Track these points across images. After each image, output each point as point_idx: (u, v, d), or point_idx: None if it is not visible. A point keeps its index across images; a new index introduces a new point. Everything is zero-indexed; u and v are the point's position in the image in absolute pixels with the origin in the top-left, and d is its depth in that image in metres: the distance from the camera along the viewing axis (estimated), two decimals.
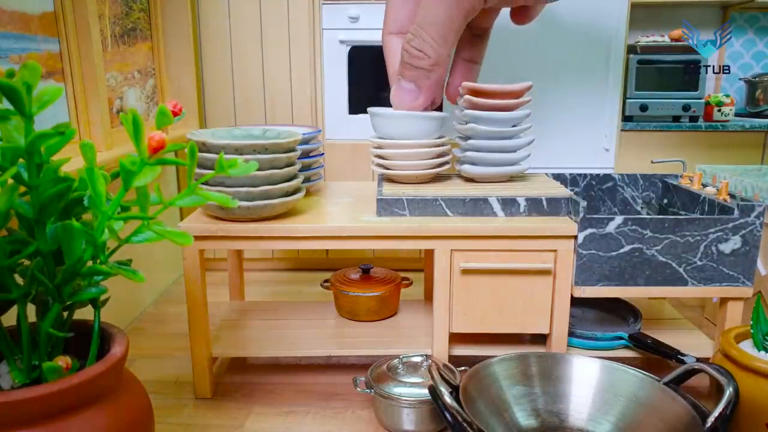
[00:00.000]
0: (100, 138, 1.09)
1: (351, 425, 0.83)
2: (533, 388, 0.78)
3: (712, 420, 0.64)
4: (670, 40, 1.94)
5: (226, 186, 0.82)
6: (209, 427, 0.83)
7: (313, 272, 1.54)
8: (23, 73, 0.46)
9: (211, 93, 1.48)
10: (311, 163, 1.02)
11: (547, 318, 0.87)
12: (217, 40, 1.45)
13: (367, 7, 1.43)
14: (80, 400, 0.48)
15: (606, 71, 1.49)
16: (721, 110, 1.95)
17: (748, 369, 0.70)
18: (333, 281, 1.05)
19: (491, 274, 0.85)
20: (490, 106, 0.92)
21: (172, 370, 0.99)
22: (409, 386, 0.80)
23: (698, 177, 0.97)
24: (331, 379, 0.96)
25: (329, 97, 1.48)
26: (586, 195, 1.07)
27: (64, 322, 0.54)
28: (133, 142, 0.48)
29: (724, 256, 0.83)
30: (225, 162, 0.51)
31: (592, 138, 1.54)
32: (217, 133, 0.91)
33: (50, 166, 0.50)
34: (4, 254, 0.49)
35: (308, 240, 0.84)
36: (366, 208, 0.92)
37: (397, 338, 0.96)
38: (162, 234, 0.50)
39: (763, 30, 2.19)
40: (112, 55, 1.19)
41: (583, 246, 0.83)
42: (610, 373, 0.77)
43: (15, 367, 0.52)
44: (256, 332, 0.98)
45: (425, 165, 0.95)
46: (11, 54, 0.89)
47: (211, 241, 0.84)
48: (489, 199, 0.87)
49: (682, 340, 0.92)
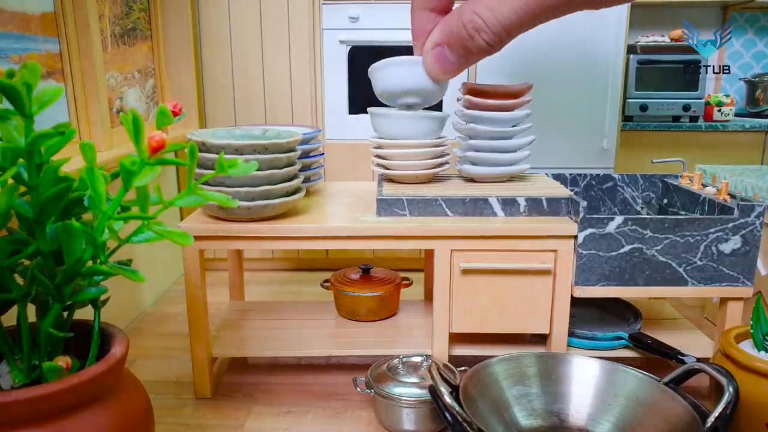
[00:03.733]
0: (100, 138, 1.09)
1: (351, 425, 0.83)
2: (533, 388, 0.78)
3: (712, 420, 0.64)
4: (670, 40, 1.94)
5: (226, 186, 0.82)
6: (209, 427, 0.83)
7: (313, 272, 1.54)
8: (23, 73, 0.46)
9: (211, 93, 1.48)
10: (311, 163, 1.02)
11: (547, 318, 0.87)
12: (217, 39, 1.45)
13: (367, 7, 1.43)
14: (80, 400, 0.48)
15: (606, 71, 1.49)
16: (721, 110, 1.95)
17: (748, 369, 0.70)
18: (333, 281, 1.05)
19: (491, 274, 0.85)
20: (490, 106, 0.92)
21: (172, 370, 0.99)
22: (409, 386, 0.80)
23: (698, 177, 0.97)
24: (331, 379, 0.96)
25: (329, 97, 1.48)
26: (586, 195, 1.07)
27: (64, 322, 0.54)
28: (133, 142, 0.48)
29: (724, 256, 0.83)
30: (225, 162, 0.51)
31: (592, 138, 1.54)
32: (217, 133, 0.91)
33: (50, 166, 0.50)
34: (4, 254, 0.49)
35: (308, 240, 0.84)
36: (366, 208, 0.92)
37: (396, 338, 0.96)
38: (162, 234, 0.50)
39: (763, 30, 2.19)
40: (112, 55, 1.19)
41: (583, 246, 0.83)
42: (610, 373, 0.77)
43: (15, 367, 0.52)
44: (256, 332, 0.98)
45: (425, 165, 0.95)
46: (11, 54, 0.89)
47: (211, 241, 0.84)
48: (489, 199, 0.87)
49: (682, 340, 0.92)
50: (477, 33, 0.64)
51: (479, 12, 0.61)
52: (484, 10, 0.60)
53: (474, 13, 0.62)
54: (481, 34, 0.63)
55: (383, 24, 1.44)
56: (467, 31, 0.65)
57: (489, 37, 0.62)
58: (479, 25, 0.62)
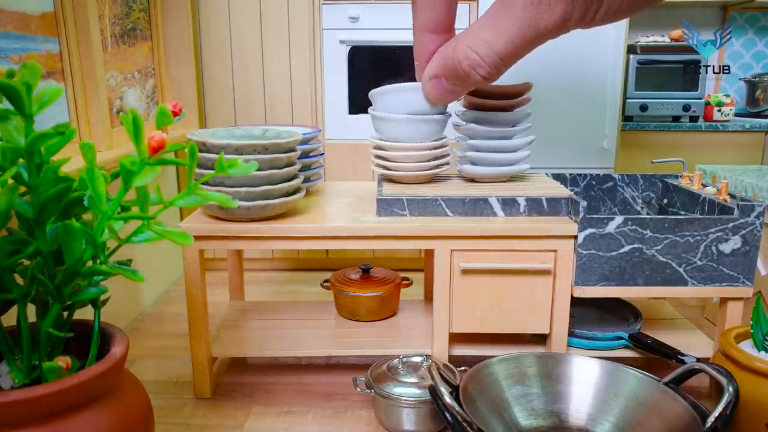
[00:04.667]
0: (100, 138, 1.09)
1: (351, 425, 0.83)
2: (533, 388, 0.78)
3: (712, 420, 0.64)
4: (670, 40, 1.94)
5: (226, 186, 0.82)
6: (209, 427, 0.83)
7: (313, 272, 1.54)
8: (23, 73, 0.46)
9: (211, 93, 1.48)
10: (311, 163, 1.02)
11: (547, 318, 0.87)
12: (217, 40, 1.45)
13: (367, 7, 1.43)
14: (80, 400, 0.48)
15: (606, 71, 1.49)
16: (721, 110, 1.95)
17: (748, 369, 0.70)
18: (333, 281, 1.05)
19: (491, 274, 0.85)
20: (490, 106, 0.92)
21: (172, 370, 0.99)
22: (409, 386, 0.80)
23: (698, 177, 0.97)
24: (331, 379, 0.96)
25: (329, 97, 1.48)
26: (586, 195, 1.07)
27: (64, 322, 0.54)
28: (133, 142, 0.48)
29: (724, 256, 0.83)
30: (225, 162, 0.51)
31: (592, 138, 1.54)
32: (217, 133, 0.91)
33: (50, 166, 0.50)
34: (4, 254, 0.49)
35: (308, 240, 0.84)
36: (366, 208, 0.92)
37: (396, 338, 0.96)
38: (162, 234, 0.50)
39: (763, 30, 2.18)
40: (112, 55, 1.19)
41: (583, 246, 0.83)
42: (610, 373, 0.77)
43: (15, 367, 0.52)
44: (256, 332, 0.98)
45: (425, 166, 0.95)
46: (11, 54, 0.89)
47: (211, 241, 0.84)
48: (489, 199, 0.87)
49: (682, 340, 0.92)
50: (473, 70, 0.63)
51: (475, 47, 0.60)
52: (479, 45, 0.59)
53: (469, 48, 0.61)
54: (478, 69, 0.63)
55: (383, 24, 1.44)
56: (463, 68, 0.64)
57: (486, 72, 0.62)
58: (475, 61, 0.61)
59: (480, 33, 0.62)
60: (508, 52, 0.59)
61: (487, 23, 0.61)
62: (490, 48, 0.61)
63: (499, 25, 0.58)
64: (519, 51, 0.60)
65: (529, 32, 0.56)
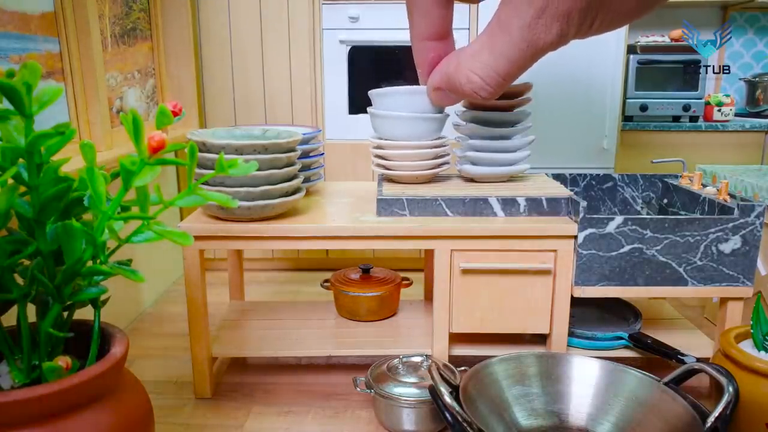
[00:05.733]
0: (100, 138, 1.09)
1: (351, 425, 0.83)
2: (533, 388, 0.78)
3: (712, 420, 0.64)
4: (670, 40, 1.94)
5: (226, 186, 0.82)
6: (209, 427, 0.83)
7: (313, 272, 1.54)
8: (23, 73, 0.46)
9: (211, 93, 1.48)
10: (311, 163, 1.02)
11: (547, 318, 0.87)
12: (217, 39, 1.45)
13: (367, 7, 1.43)
14: (80, 400, 0.48)
15: (606, 71, 1.49)
16: (721, 110, 1.95)
17: (748, 369, 0.70)
18: (333, 281, 1.05)
19: (491, 274, 0.85)
20: (490, 106, 0.92)
21: (172, 370, 0.99)
22: (409, 386, 0.80)
23: (698, 177, 0.97)
24: (331, 379, 0.96)
25: (329, 97, 1.48)
26: (586, 195, 1.07)
27: (64, 322, 0.54)
28: (133, 142, 0.48)
29: (724, 256, 0.83)
30: (225, 162, 0.51)
31: (592, 138, 1.54)
32: (217, 133, 0.91)
33: (50, 166, 0.50)
34: (4, 254, 0.49)
35: (308, 240, 0.84)
36: (366, 208, 0.92)
37: (396, 338, 0.96)
38: (162, 234, 0.50)
39: (763, 30, 2.18)
40: (112, 55, 1.19)
41: (583, 246, 0.83)
42: (610, 373, 0.77)
43: (15, 367, 0.52)
44: (256, 332, 0.98)
45: (425, 165, 0.95)
46: (11, 54, 0.89)
47: (211, 241, 0.84)
48: (489, 199, 0.87)
49: (682, 340, 0.92)
50: (476, 93, 0.65)
51: (476, 70, 0.61)
52: (479, 68, 0.60)
53: (471, 72, 0.62)
54: (481, 92, 0.64)
55: (383, 24, 1.44)
56: (465, 91, 0.66)
57: (488, 92, 0.63)
58: (477, 85, 0.62)
59: (480, 56, 0.64)
60: (508, 72, 0.61)
61: (486, 45, 0.63)
62: (491, 69, 0.63)
63: (498, 48, 0.60)
64: (520, 69, 0.62)
65: (528, 51, 0.58)
